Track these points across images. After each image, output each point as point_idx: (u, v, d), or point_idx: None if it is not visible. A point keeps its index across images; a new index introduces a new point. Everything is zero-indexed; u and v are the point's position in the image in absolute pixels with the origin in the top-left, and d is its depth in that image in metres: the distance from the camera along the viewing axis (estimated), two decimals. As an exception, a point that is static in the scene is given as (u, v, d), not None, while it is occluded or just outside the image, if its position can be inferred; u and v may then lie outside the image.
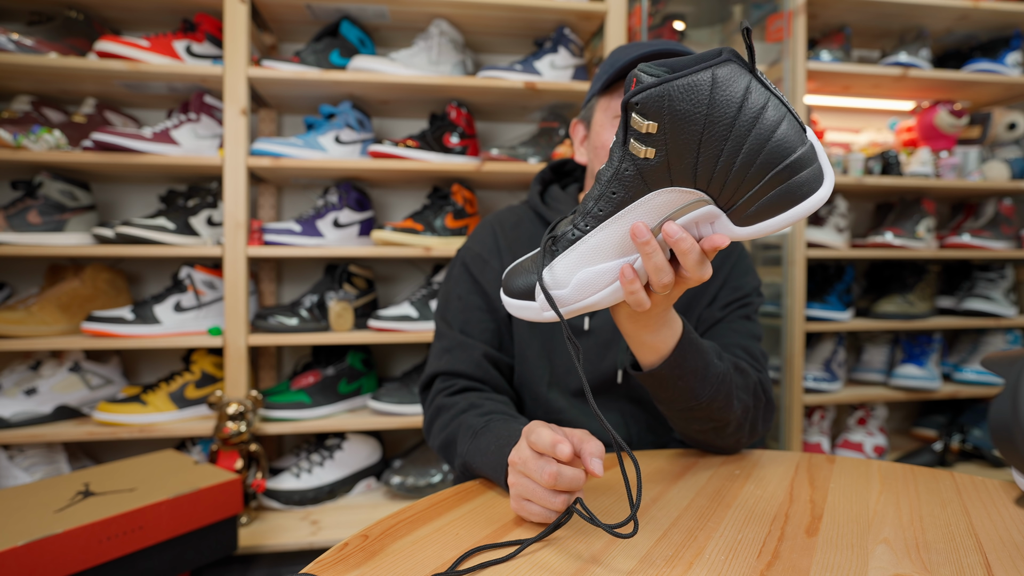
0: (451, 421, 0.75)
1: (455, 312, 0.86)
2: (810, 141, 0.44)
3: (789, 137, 0.43)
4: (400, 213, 1.77)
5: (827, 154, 1.70)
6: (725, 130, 0.43)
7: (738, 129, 0.43)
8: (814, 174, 0.44)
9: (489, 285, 0.86)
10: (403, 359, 1.79)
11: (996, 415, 0.61)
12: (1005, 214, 1.82)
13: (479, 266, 0.87)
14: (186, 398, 1.43)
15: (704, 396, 0.66)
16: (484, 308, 0.86)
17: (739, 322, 0.84)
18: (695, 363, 0.64)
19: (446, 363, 0.82)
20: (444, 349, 0.84)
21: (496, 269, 0.86)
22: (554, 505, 0.53)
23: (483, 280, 0.86)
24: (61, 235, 1.38)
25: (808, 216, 0.51)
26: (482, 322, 0.85)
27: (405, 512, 0.59)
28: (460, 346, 0.83)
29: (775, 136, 0.43)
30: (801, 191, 0.44)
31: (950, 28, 1.80)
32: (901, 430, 2.03)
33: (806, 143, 0.44)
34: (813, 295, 1.76)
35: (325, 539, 1.30)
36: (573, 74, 1.55)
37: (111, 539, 0.94)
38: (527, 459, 0.54)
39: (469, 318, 0.85)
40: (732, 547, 0.51)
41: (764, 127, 0.43)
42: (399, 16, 1.53)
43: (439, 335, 0.86)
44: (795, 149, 0.43)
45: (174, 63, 1.38)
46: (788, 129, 0.43)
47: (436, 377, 0.83)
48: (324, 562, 0.48)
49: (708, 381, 0.66)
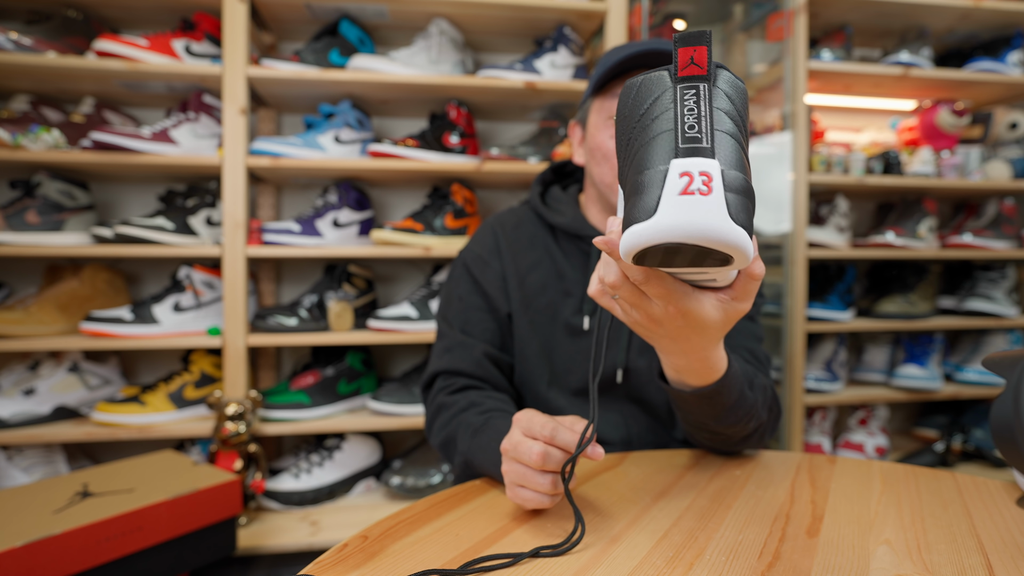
0: (451, 419, 0.76)
1: (456, 312, 0.86)
2: (667, 168, 0.35)
3: (653, 153, 0.37)
4: (400, 213, 1.77)
5: (834, 152, 1.70)
6: (625, 127, 0.40)
7: (631, 130, 0.39)
8: (646, 204, 0.35)
9: (490, 285, 0.86)
10: (403, 359, 1.78)
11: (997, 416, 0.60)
12: (1007, 214, 1.82)
13: (480, 267, 0.87)
14: (185, 398, 1.42)
15: (727, 422, 0.65)
16: (485, 308, 0.86)
17: (742, 323, 0.83)
18: (728, 398, 0.61)
19: (447, 362, 0.82)
20: (445, 348, 0.84)
21: (497, 270, 0.87)
22: (543, 486, 0.53)
23: (484, 281, 0.86)
24: (59, 235, 1.38)
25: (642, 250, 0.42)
26: (483, 322, 0.85)
27: (405, 513, 0.58)
28: (461, 345, 0.83)
29: (644, 149, 0.38)
30: (631, 215, 0.37)
31: (952, 27, 1.80)
32: (902, 430, 2.03)
33: (660, 168, 0.36)
34: (814, 295, 1.76)
35: (325, 540, 1.30)
36: (573, 73, 1.55)
37: (110, 540, 0.94)
38: (517, 443, 0.55)
39: (470, 318, 0.85)
40: (733, 548, 0.50)
41: (645, 134, 0.38)
42: (399, 15, 1.53)
43: (440, 335, 0.87)
44: (647, 167, 0.37)
45: (173, 62, 1.38)
46: (659, 146, 0.37)
47: (437, 376, 0.84)
48: (324, 563, 0.48)
49: (735, 411, 0.64)
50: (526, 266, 0.86)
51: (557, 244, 0.87)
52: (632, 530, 0.54)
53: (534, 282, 0.85)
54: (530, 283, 0.86)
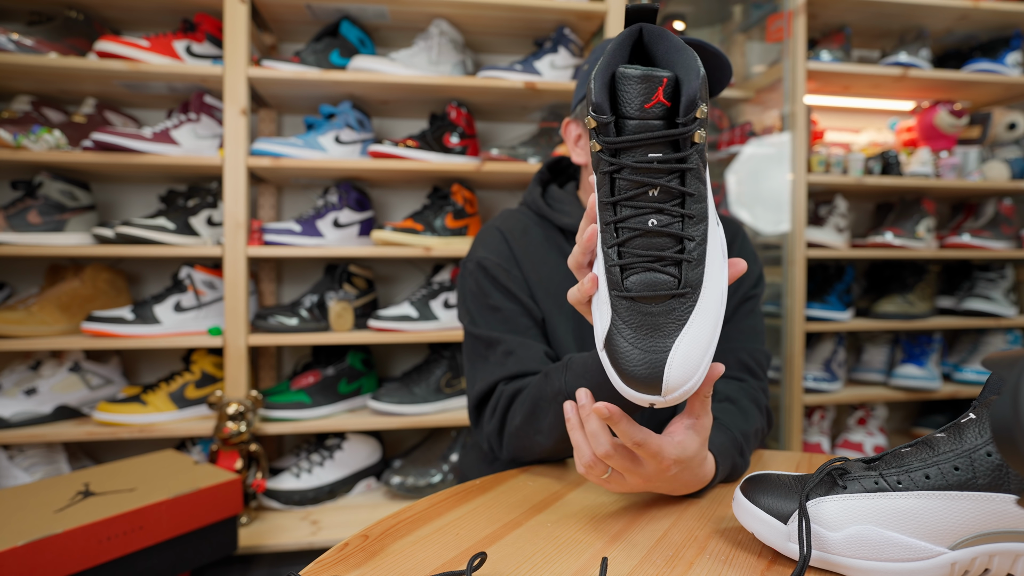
0: (531, 389, 0.70)
1: (498, 321, 0.81)
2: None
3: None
4: (400, 213, 1.77)
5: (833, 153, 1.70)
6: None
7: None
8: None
9: (521, 292, 0.82)
10: (403, 359, 1.79)
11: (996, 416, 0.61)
12: (1005, 214, 1.82)
13: (504, 275, 0.83)
14: (186, 398, 1.43)
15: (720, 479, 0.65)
16: (524, 313, 0.82)
17: (744, 321, 0.83)
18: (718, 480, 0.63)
19: (511, 367, 0.76)
20: (505, 354, 0.77)
21: (519, 277, 0.83)
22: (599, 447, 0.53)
23: (513, 288, 0.82)
24: (61, 235, 1.38)
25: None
26: (530, 327, 0.81)
27: (405, 512, 0.59)
28: (522, 346, 0.77)
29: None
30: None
31: (950, 28, 1.80)
32: (901, 430, 2.03)
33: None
34: (813, 295, 1.76)
35: (325, 539, 1.30)
36: (573, 74, 1.55)
37: (111, 539, 0.94)
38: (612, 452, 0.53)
39: (516, 325, 0.80)
40: (733, 547, 0.51)
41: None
42: (399, 16, 1.53)
43: (488, 345, 0.79)
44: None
45: (174, 63, 1.38)
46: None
47: (499, 383, 0.77)
48: (324, 562, 0.48)
49: (727, 476, 0.65)
50: (547, 272, 0.83)
51: (569, 244, 0.85)
52: (632, 530, 0.54)
53: (559, 286, 0.83)
54: (556, 288, 0.83)
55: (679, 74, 0.43)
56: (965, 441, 0.44)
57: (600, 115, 0.43)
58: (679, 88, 0.43)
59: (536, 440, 0.70)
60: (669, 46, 0.45)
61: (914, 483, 0.44)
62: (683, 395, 0.43)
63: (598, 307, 0.48)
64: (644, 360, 0.43)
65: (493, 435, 0.76)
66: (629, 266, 0.45)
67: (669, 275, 0.44)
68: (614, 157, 0.44)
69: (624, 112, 0.44)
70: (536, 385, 0.69)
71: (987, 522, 0.42)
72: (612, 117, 0.43)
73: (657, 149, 0.44)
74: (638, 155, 0.44)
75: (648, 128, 0.43)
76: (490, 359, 0.79)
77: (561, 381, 0.65)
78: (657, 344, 0.43)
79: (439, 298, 1.53)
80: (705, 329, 0.44)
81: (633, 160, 0.44)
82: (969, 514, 0.42)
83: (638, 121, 0.43)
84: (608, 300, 0.46)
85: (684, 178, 0.44)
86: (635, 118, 0.43)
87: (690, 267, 0.44)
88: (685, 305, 0.44)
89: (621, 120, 0.44)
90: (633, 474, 0.53)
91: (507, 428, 0.74)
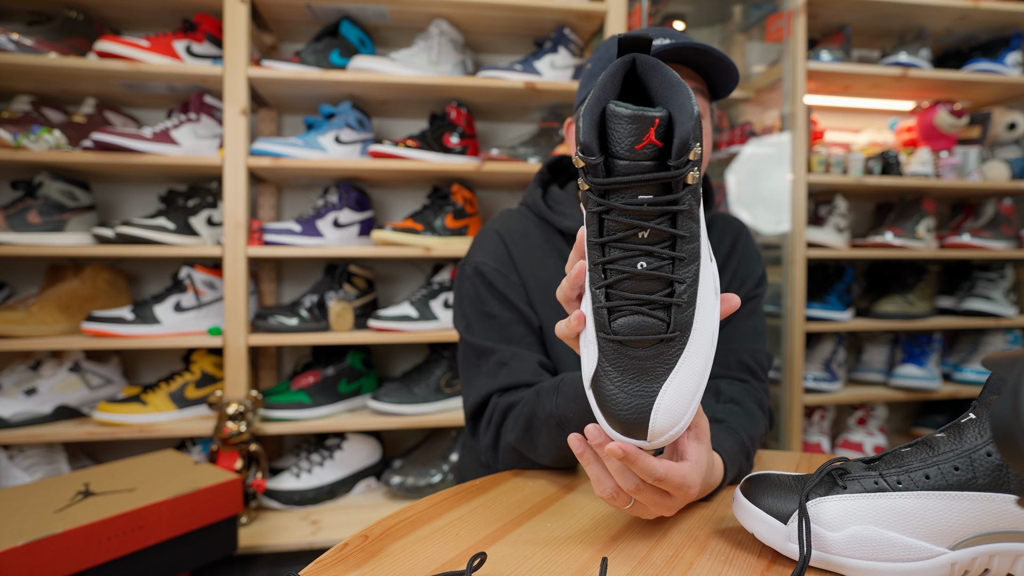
0: (524, 406, 0.69)
1: (493, 329, 0.79)
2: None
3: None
4: (400, 213, 1.77)
5: (833, 153, 1.71)
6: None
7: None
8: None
9: (518, 298, 0.80)
10: (403, 359, 1.79)
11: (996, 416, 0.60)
12: (1005, 214, 1.82)
13: (501, 280, 0.81)
14: (186, 398, 1.43)
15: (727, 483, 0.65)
16: (520, 321, 0.80)
17: (746, 320, 0.83)
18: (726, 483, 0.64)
19: (504, 378, 0.75)
20: (498, 364, 0.76)
21: (516, 282, 0.81)
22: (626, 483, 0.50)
23: (510, 294, 0.81)
24: (61, 235, 1.38)
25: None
26: (525, 335, 0.80)
27: (405, 512, 0.59)
28: (516, 356, 0.76)
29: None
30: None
31: (950, 28, 1.80)
32: (901, 430, 2.03)
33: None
34: (813, 295, 1.76)
35: (325, 539, 1.30)
36: (573, 74, 1.55)
37: (111, 539, 0.94)
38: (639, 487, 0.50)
39: (512, 333, 0.79)
40: (733, 547, 0.51)
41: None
42: (399, 16, 1.53)
43: (481, 356, 0.78)
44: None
45: (174, 63, 1.38)
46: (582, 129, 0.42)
47: (492, 395, 0.76)
48: (324, 562, 0.48)
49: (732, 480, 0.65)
50: (546, 277, 0.81)
51: (569, 247, 0.83)
52: (632, 530, 0.54)
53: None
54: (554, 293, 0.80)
55: (672, 112, 0.42)
56: (965, 441, 0.44)
57: (588, 156, 0.41)
58: (672, 126, 0.41)
59: (532, 456, 0.70)
60: (663, 80, 0.43)
61: (914, 483, 0.44)
62: (669, 439, 0.43)
63: (586, 345, 0.46)
64: (630, 405, 0.43)
65: (488, 449, 0.76)
66: (617, 308, 0.44)
67: (657, 319, 0.43)
68: (603, 198, 0.43)
69: (613, 152, 0.42)
70: (528, 403, 0.68)
71: (987, 522, 0.42)
72: (601, 158, 0.42)
73: (648, 191, 0.42)
74: (628, 196, 0.42)
75: (638, 170, 0.41)
76: (483, 369, 0.78)
77: (552, 404, 0.64)
78: (644, 389, 0.43)
79: (439, 298, 1.53)
80: (694, 372, 0.43)
81: (622, 202, 0.42)
82: (969, 514, 0.42)
83: (628, 162, 0.41)
84: (595, 340, 0.45)
85: (675, 220, 0.43)
86: (625, 159, 0.41)
87: (680, 310, 0.43)
88: (674, 348, 0.43)
89: (610, 160, 0.42)
90: (660, 506, 0.51)
91: (502, 443, 0.73)
